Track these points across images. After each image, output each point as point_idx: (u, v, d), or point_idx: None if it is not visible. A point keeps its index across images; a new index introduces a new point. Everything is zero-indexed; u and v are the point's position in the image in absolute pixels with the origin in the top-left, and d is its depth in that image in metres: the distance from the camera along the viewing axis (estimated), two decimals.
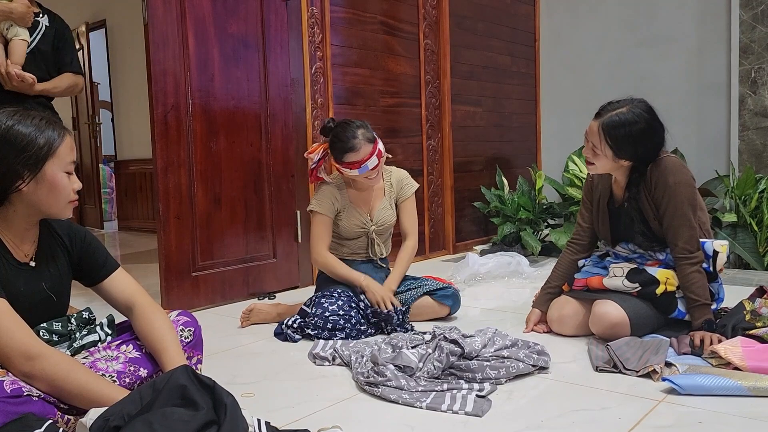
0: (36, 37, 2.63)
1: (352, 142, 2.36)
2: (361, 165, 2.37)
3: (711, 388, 1.67)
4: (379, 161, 2.40)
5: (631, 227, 2.21)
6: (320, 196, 2.49)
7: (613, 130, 2.07)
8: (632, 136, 2.06)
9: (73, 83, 2.75)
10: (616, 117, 2.08)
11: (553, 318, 2.29)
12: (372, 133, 2.43)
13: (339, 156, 2.40)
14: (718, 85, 4.18)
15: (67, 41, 2.74)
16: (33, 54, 2.61)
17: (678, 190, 2.08)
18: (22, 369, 1.29)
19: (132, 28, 5.99)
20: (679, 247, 2.09)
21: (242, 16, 3.04)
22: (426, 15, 4.04)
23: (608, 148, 2.09)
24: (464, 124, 4.35)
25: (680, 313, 2.13)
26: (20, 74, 2.49)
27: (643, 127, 2.07)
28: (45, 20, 2.68)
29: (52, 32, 2.68)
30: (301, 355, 2.16)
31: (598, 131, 2.10)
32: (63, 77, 2.71)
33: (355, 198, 2.53)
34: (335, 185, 2.52)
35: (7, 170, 1.37)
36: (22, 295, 1.42)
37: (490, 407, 1.65)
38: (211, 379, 1.27)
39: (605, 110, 2.12)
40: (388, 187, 2.59)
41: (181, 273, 2.86)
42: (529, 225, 4.00)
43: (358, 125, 2.41)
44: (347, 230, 2.52)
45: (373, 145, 2.39)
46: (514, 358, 1.87)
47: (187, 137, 2.86)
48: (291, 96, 3.25)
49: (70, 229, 1.58)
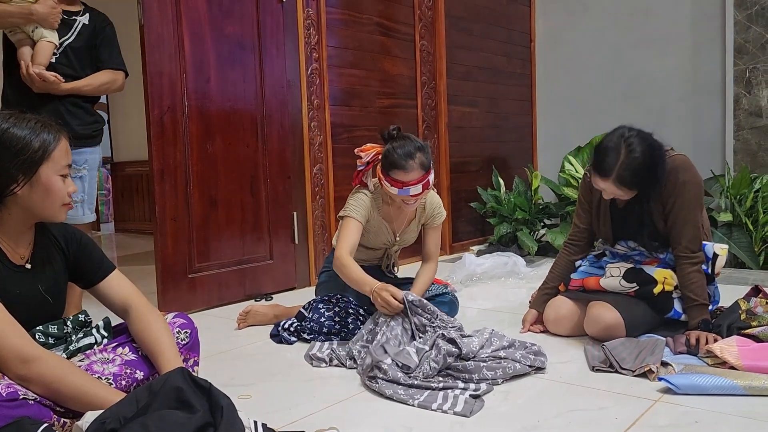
0: (71, 35, 2.55)
1: (407, 161, 2.22)
2: (404, 187, 2.24)
3: (707, 387, 1.68)
4: (423, 191, 2.27)
5: (637, 226, 2.20)
6: (358, 204, 2.36)
7: (630, 176, 2.01)
8: (647, 167, 2.01)
9: (110, 80, 2.64)
10: (624, 167, 2.01)
11: (549, 319, 2.29)
12: (430, 160, 2.29)
13: (387, 168, 2.27)
14: (712, 85, 4.20)
15: (106, 37, 2.65)
16: (65, 53, 2.54)
17: (687, 188, 2.09)
18: (18, 372, 1.29)
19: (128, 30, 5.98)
20: (682, 245, 2.10)
21: (238, 18, 3.04)
22: (422, 16, 4.04)
23: (633, 191, 2.07)
24: (460, 125, 4.36)
25: (676, 313, 2.13)
26: (41, 74, 2.41)
27: (641, 159, 2.01)
28: (85, 18, 2.60)
29: (90, 30, 2.60)
30: (298, 356, 2.16)
31: (615, 187, 2.04)
32: (98, 74, 2.61)
33: (388, 214, 2.43)
34: (373, 197, 2.39)
35: (1, 173, 1.37)
36: (18, 297, 1.42)
37: (481, 408, 1.66)
38: (208, 382, 1.27)
39: (604, 163, 2.03)
40: (420, 211, 2.49)
41: (178, 275, 2.86)
42: (525, 225, 4.00)
43: (420, 146, 2.27)
44: (371, 242, 2.46)
45: (425, 173, 2.25)
46: (510, 358, 1.87)
47: (184, 139, 2.86)
48: (287, 97, 3.25)
49: (66, 232, 1.58)
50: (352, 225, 2.32)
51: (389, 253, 2.55)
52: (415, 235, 2.54)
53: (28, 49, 2.47)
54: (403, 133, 2.33)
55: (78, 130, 2.54)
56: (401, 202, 2.32)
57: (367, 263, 2.54)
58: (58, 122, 1.49)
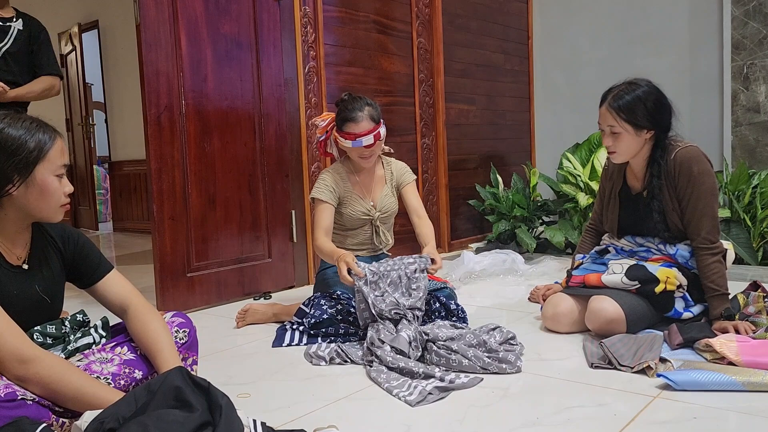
0: (7, 41, 2.59)
1: (356, 113, 2.41)
2: (356, 138, 2.40)
3: (706, 383, 1.68)
4: (375, 142, 2.43)
5: (646, 218, 2.21)
6: (320, 185, 2.50)
7: (622, 101, 2.11)
8: (640, 98, 2.10)
9: (49, 86, 2.72)
10: (619, 92, 2.13)
11: (547, 315, 2.29)
12: (378, 114, 2.47)
13: (340, 124, 2.46)
14: (710, 81, 4.20)
15: (42, 43, 2.70)
16: (4, 59, 2.58)
17: (702, 179, 2.10)
18: (16, 373, 1.29)
19: (125, 29, 5.97)
20: (701, 237, 2.11)
21: (234, 16, 3.04)
22: (419, 14, 4.03)
23: (625, 123, 2.12)
24: (458, 122, 4.35)
25: (676, 312, 2.13)
26: None
27: (646, 89, 2.12)
28: (18, 24, 2.64)
29: (26, 35, 2.65)
30: (297, 355, 2.16)
31: (609, 112, 2.14)
32: (38, 81, 2.68)
33: (357, 186, 2.56)
34: (336, 172, 2.55)
35: None
36: (15, 298, 1.41)
37: (435, 399, 1.69)
38: (206, 381, 1.27)
39: (608, 94, 2.17)
40: (389, 175, 2.63)
41: (176, 274, 2.85)
42: (524, 222, 4.00)
43: (368, 102, 2.46)
44: (351, 218, 2.53)
45: (375, 125, 2.43)
46: (461, 354, 1.90)
47: (181, 138, 2.86)
48: (284, 96, 3.24)
49: (63, 232, 1.58)
50: (320, 208, 2.47)
51: (376, 228, 2.58)
52: (393, 200, 2.61)
53: None
54: (353, 95, 2.50)
55: None
56: (358, 159, 2.47)
57: (362, 249, 2.57)
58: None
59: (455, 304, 2.37)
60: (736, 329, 1.97)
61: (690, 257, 2.17)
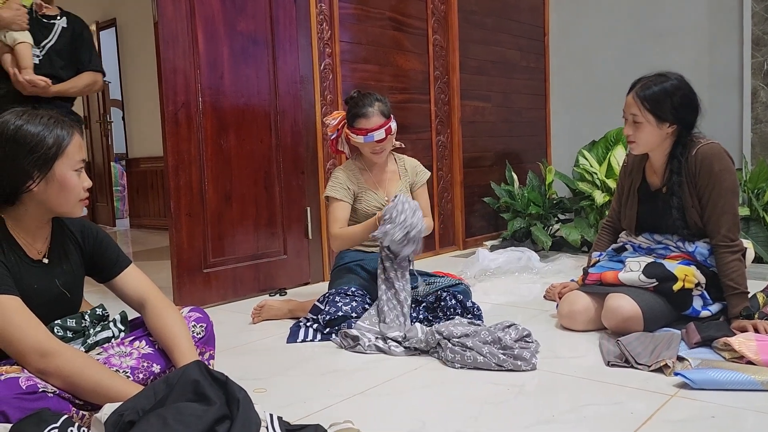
0: (52, 38, 2.68)
1: (366, 109, 2.44)
2: (368, 133, 2.43)
3: (724, 382, 1.66)
4: (387, 137, 2.45)
5: (665, 215, 2.19)
6: (334, 183, 2.53)
7: (649, 91, 2.11)
8: (667, 92, 2.10)
9: (91, 81, 2.80)
10: (648, 82, 2.13)
11: (563, 313, 2.28)
12: (389, 108, 2.49)
13: (351, 120, 2.48)
14: (730, 77, 4.14)
15: (85, 41, 2.79)
16: (48, 55, 2.66)
17: (723, 176, 2.08)
18: (37, 366, 1.31)
19: (142, 27, 6.01)
20: (721, 234, 2.09)
21: (251, 14, 3.05)
22: (434, 10, 4.02)
23: (648, 113, 2.11)
24: (473, 120, 4.34)
25: (694, 310, 2.11)
26: (32, 80, 2.54)
27: (675, 83, 2.12)
28: (63, 22, 2.73)
29: (69, 33, 2.73)
30: (312, 351, 2.17)
31: (634, 100, 2.13)
32: (80, 77, 2.76)
33: (371, 182, 2.58)
34: (349, 169, 2.57)
35: (17, 171, 1.38)
36: (36, 292, 1.43)
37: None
38: (224, 375, 1.28)
39: (637, 83, 2.16)
40: (402, 171, 2.65)
41: (193, 269, 2.88)
42: (539, 220, 3.98)
43: (378, 98, 2.49)
44: (366, 214, 2.53)
45: (385, 120, 2.45)
46: (476, 350, 1.91)
47: (198, 135, 2.88)
48: (300, 93, 3.25)
49: (82, 227, 1.60)
50: (334, 205, 2.50)
51: None
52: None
53: (8, 56, 2.57)
54: (363, 92, 2.53)
55: None
56: (370, 154, 2.50)
57: (376, 245, 2.56)
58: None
59: (471, 302, 2.36)
60: (755, 328, 1.95)
61: (709, 255, 2.15)
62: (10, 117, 1.40)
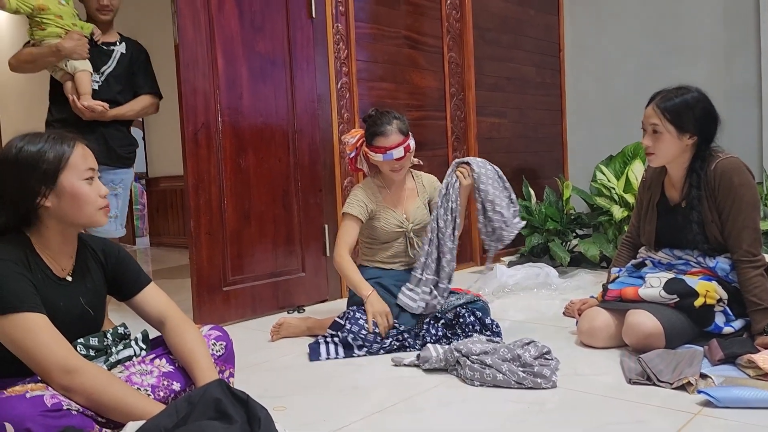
0: (111, 64, 2.78)
1: (385, 127, 2.45)
2: (386, 151, 2.44)
3: (749, 400, 1.63)
4: (405, 155, 2.46)
5: (685, 230, 2.18)
6: (352, 200, 2.54)
7: (670, 103, 2.12)
8: (689, 103, 2.11)
9: (148, 104, 2.89)
10: (668, 94, 2.14)
11: (583, 330, 2.26)
12: (407, 126, 2.51)
13: (369, 139, 2.49)
14: (748, 89, 4.11)
15: (142, 64, 2.88)
16: (107, 81, 2.77)
17: (743, 191, 2.07)
18: (62, 383, 1.32)
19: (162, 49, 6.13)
20: (742, 249, 2.07)
21: (269, 35, 3.10)
22: (450, 28, 4.06)
23: (669, 124, 2.12)
24: (490, 136, 4.35)
25: (717, 327, 2.08)
26: (90, 106, 2.63)
27: (696, 95, 2.13)
28: (121, 47, 2.83)
29: (128, 58, 2.84)
30: (331, 368, 2.17)
31: (654, 111, 2.14)
32: (137, 100, 2.85)
33: (389, 199, 2.59)
34: (368, 187, 2.58)
35: (26, 190, 1.41)
36: (61, 310, 1.45)
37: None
38: (245, 393, 1.29)
39: (657, 95, 2.18)
40: (420, 188, 2.66)
41: (213, 288, 2.90)
42: (557, 236, 3.96)
43: (396, 116, 2.50)
44: (386, 232, 2.54)
45: (404, 138, 2.46)
46: (495, 368, 1.90)
47: (217, 155, 2.92)
48: (317, 112, 3.29)
49: (104, 245, 1.62)
50: (347, 222, 2.52)
51: (410, 240, 2.58)
52: (425, 212, 2.63)
53: (69, 83, 2.67)
54: (381, 110, 2.54)
55: (120, 152, 2.81)
56: (389, 172, 2.51)
57: (396, 263, 2.57)
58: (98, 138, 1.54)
59: (490, 319, 2.36)
60: None
61: (730, 270, 2.13)
62: (13, 141, 1.45)
